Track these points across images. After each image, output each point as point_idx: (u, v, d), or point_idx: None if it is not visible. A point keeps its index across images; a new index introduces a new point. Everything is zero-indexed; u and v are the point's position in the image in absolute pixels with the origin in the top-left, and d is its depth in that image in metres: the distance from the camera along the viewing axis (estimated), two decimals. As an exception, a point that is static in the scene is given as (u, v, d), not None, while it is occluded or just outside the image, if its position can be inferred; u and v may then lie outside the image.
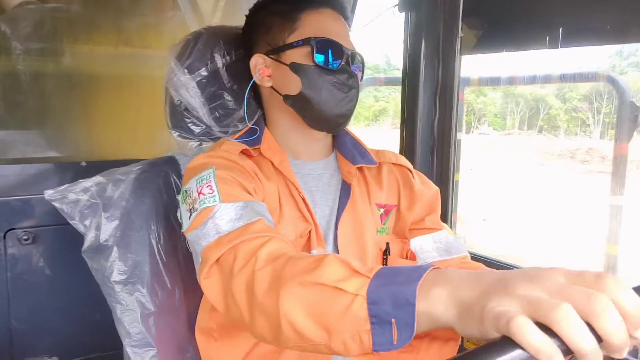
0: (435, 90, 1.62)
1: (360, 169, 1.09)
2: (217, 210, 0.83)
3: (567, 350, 0.44)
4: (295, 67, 0.99)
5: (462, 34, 1.54)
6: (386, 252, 1.09)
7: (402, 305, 0.56)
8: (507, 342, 0.45)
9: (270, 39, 1.03)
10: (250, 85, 1.06)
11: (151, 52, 1.83)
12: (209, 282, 0.80)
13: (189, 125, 1.17)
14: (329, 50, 0.98)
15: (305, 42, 0.98)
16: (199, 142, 1.20)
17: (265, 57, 1.04)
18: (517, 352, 0.44)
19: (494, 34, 1.56)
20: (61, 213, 1.09)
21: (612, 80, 2.05)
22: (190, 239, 0.87)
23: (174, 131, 1.20)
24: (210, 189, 0.87)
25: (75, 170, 1.55)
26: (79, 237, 1.09)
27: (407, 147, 1.67)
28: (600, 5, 1.30)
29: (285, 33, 1.01)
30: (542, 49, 1.39)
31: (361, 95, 1.07)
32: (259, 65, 1.04)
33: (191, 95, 1.14)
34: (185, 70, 1.13)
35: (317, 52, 0.97)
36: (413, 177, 1.14)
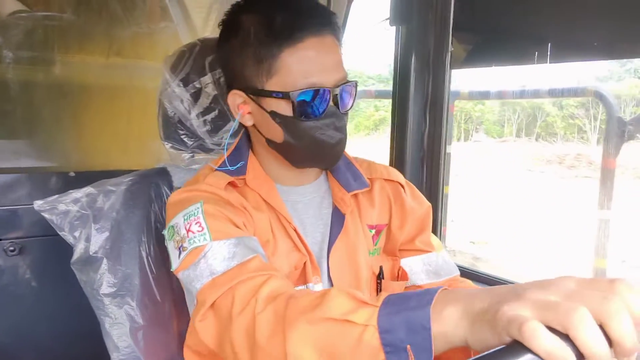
0: (426, 103, 1.63)
1: (353, 194, 1.05)
2: (209, 249, 0.80)
3: (579, 355, 0.44)
4: (275, 117, 0.90)
5: (452, 48, 1.56)
6: (380, 277, 1.05)
7: (417, 331, 0.55)
8: (519, 347, 0.45)
9: (247, 78, 0.92)
10: (236, 122, 0.98)
11: (143, 62, 1.83)
12: (204, 325, 0.77)
13: (182, 137, 1.17)
14: (313, 100, 0.88)
15: (285, 95, 0.87)
16: (191, 154, 1.20)
17: (244, 96, 0.94)
18: (529, 357, 0.44)
19: (484, 49, 1.58)
20: (51, 224, 1.08)
21: (600, 96, 2.08)
22: (182, 279, 0.84)
23: (166, 142, 1.19)
24: (200, 226, 0.83)
25: (63, 180, 1.54)
26: (68, 249, 1.08)
27: (397, 159, 1.67)
28: (588, 22, 1.33)
29: (262, 76, 0.89)
30: (531, 64, 1.42)
31: (362, 105, 1.06)
32: (238, 102, 0.96)
33: (185, 107, 1.14)
34: (180, 82, 1.13)
35: (298, 107, 0.88)
36: (405, 192, 1.11)
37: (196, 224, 0.84)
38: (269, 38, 0.87)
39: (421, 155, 1.64)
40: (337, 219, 1.02)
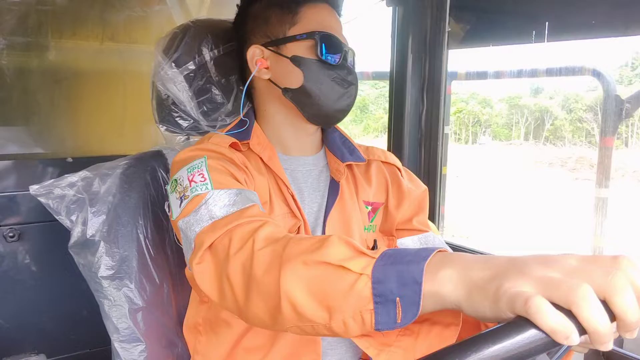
0: (423, 84, 1.62)
1: (349, 167, 1.09)
2: (210, 196, 0.82)
3: (582, 331, 0.45)
4: (297, 61, 0.98)
5: (450, 29, 1.55)
6: (373, 249, 1.08)
7: (408, 284, 0.55)
8: (523, 322, 0.45)
9: (270, 30, 1.01)
10: (251, 76, 1.03)
11: (137, 46, 1.82)
12: (202, 267, 0.77)
13: (177, 119, 1.17)
14: (331, 46, 0.98)
15: (309, 35, 0.97)
16: (186, 136, 1.20)
17: (264, 49, 1.02)
18: (533, 332, 0.45)
19: (481, 29, 1.57)
20: (47, 208, 1.08)
21: (597, 74, 2.07)
22: (181, 227, 0.84)
23: (161, 125, 1.19)
24: (203, 176, 0.85)
25: (61, 166, 1.54)
26: (66, 234, 1.08)
27: (395, 141, 1.67)
28: (584, 0, 1.32)
29: (285, 25, 1.00)
30: (528, 43, 1.41)
31: (370, 107, 1.10)
32: (257, 56, 1.02)
33: (179, 89, 1.13)
34: (173, 64, 1.12)
35: (320, 47, 0.97)
36: (402, 175, 1.14)
37: (199, 175, 0.86)
38: None
39: (419, 136, 1.64)
40: (334, 189, 1.06)
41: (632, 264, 0.47)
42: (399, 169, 1.15)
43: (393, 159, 1.16)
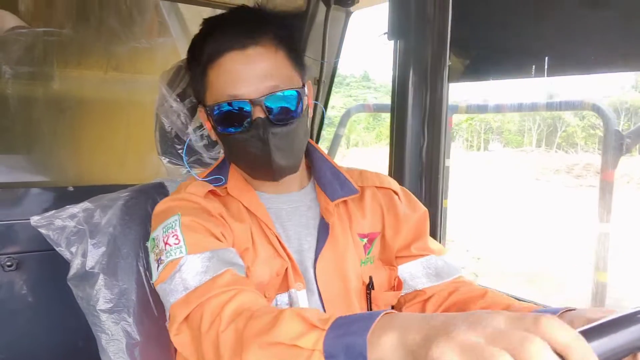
0: (424, 117, 1.63)
1: (341, 200, 1.05)
2: (184, 263, 0.83)
3: None
4: (214, 130, 0.99)
5: (450, 62, 1.56)
6: (369, 287, 1.04)
7: (355, 357, 0.57)
8: None
9: (199, 97, 1.01)
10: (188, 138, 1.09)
11: (141, 77, 1.84)
12: (180, 339, 0.82)
13: (179, 151, 1.17)
14: (229, 114, 0.92)
15: (208, 110, 0.95)
16: (187, 171, 1.20)
17: (205, 112, 1.00)
18: None
19: (481, 63, 1.59)
20: (47, 239, 1.07)
21: (597, 109, 2.08)
22: (159, 292, 0.87)
23: (163, 157, 1.19)
24: (176, 238, 0.86)
25: (62, 194, 1.53)
26: (64, 264, 1.08)
27: (396, 174, 1.67)
28: (585, 36, 1.33)
29: (203, 93, 0.97)
30: (528, 77, 1.42)
31: (383, 115, 1.06)
32: (203, 118, 1.02)
33: (182, 121, 1.14)
34: (177, 97, 1.13)
35: (215, 121, 0.94)
36: (399, 199, 1.10)
37: (173, 236, 0.87)
38: (199, 58, 0.95)
39: (420, 169, 1.64)
40: (324, 228, 1.02)
41: (550, 324, 0.47)
42: (395, 192, 1.11)
43: (388, 182, 1.12)
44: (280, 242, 0.97)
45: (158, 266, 0.87)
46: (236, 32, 0.92)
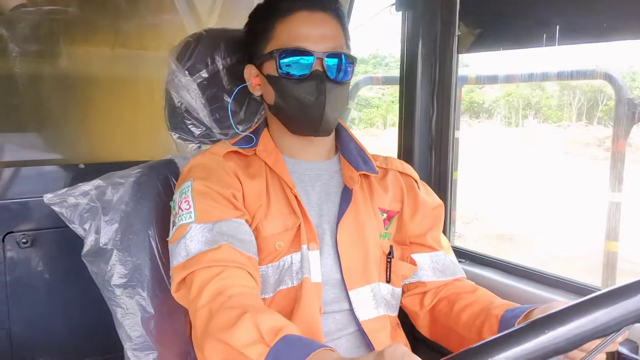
0: (433, 89, 1.61)
1: (364, 175, 1.10)
2: (190, 230, 0.93)
3: None
4: (269, 79, 1.03)
5: (459, 33, 1.54)
6: (390, 255, 1.10)
7: None
8: None
9: (254, 50, 1.07)
10: (234, 93, 1.10)
11: (149, 53, 1.83)
12: (180, 295, 0.94)
13: (189, 127, 1.17)
14: (294, 59, 0.99)
15: (271, 54, 1.01)
16: (198, 144, 1.20)
17: (255, 68, 1.07)
18: None
19: (491, 33, 1.56)
20: (61, 217, 1.09)
21: (609, 78, 2.05)
22: (169, 249, 0.97)
23: (173, 133, 1.19)
24: (188, 204, 0.95)
25: (73, 172, 1.55)
26: (79, 240, 1.09)
27: (405, 146, 1.66)
28: (596, 2, 1.30)
29: (263, 45, 1.04)
30: (539, 46, 1.40)
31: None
32: (251, 75, 1.08)
33: (192, 96, 1.14)
34: (186, 72, 1.13)
35: (280, 64, 1.00)
36: (418, 187, 1.16)
37: (185, 202, 0.96)
38: (267, 14, 1.04)
39: (429, 142, 1.63)
40: (347, 195, 1.07)
41: (394, 356, 0.58)
42: (415, 181, 1.17)
43: (410, 170, 1.19)
44: (298, 201, 1.02)
45: (172, 226, 0.97)
46: None
